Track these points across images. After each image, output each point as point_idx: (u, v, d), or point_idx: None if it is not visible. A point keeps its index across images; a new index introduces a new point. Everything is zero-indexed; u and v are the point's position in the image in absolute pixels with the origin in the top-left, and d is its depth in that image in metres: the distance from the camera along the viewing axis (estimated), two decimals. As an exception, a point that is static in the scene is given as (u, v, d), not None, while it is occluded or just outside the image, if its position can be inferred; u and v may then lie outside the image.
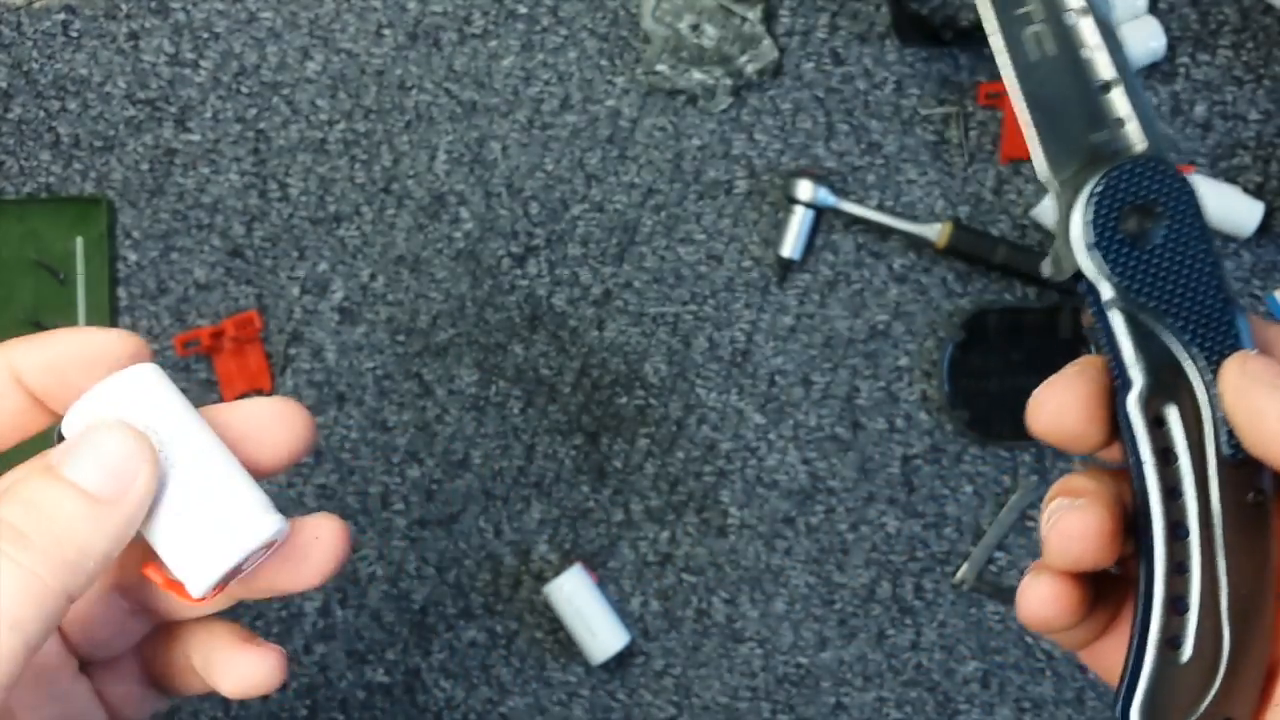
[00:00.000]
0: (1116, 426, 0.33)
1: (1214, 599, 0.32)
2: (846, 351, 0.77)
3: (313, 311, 0.78)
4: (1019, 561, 0.76)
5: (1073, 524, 0.32)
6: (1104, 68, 0.36)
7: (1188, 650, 0.32)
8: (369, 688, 0.78)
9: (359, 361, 0.78)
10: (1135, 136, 0.35)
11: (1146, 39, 0.75)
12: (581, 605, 0.76)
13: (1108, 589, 0.35)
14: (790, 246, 0.76)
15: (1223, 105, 0.77)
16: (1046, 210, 0.75)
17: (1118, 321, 0.33)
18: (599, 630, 0.75)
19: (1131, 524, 0.33)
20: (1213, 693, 0.32)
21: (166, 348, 0.78)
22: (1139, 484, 0.33)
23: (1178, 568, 0.32)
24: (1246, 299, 0.77)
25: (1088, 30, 0.36)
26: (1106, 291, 0.33)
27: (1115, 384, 0.33)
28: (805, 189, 0.76)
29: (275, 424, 0.34)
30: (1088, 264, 0.34)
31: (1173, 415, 0.32)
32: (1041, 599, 0.33)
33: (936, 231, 0.75)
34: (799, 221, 0.76)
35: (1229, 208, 0.75)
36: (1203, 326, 0.33)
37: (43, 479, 0.31)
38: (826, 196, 0.76)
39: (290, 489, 0.78)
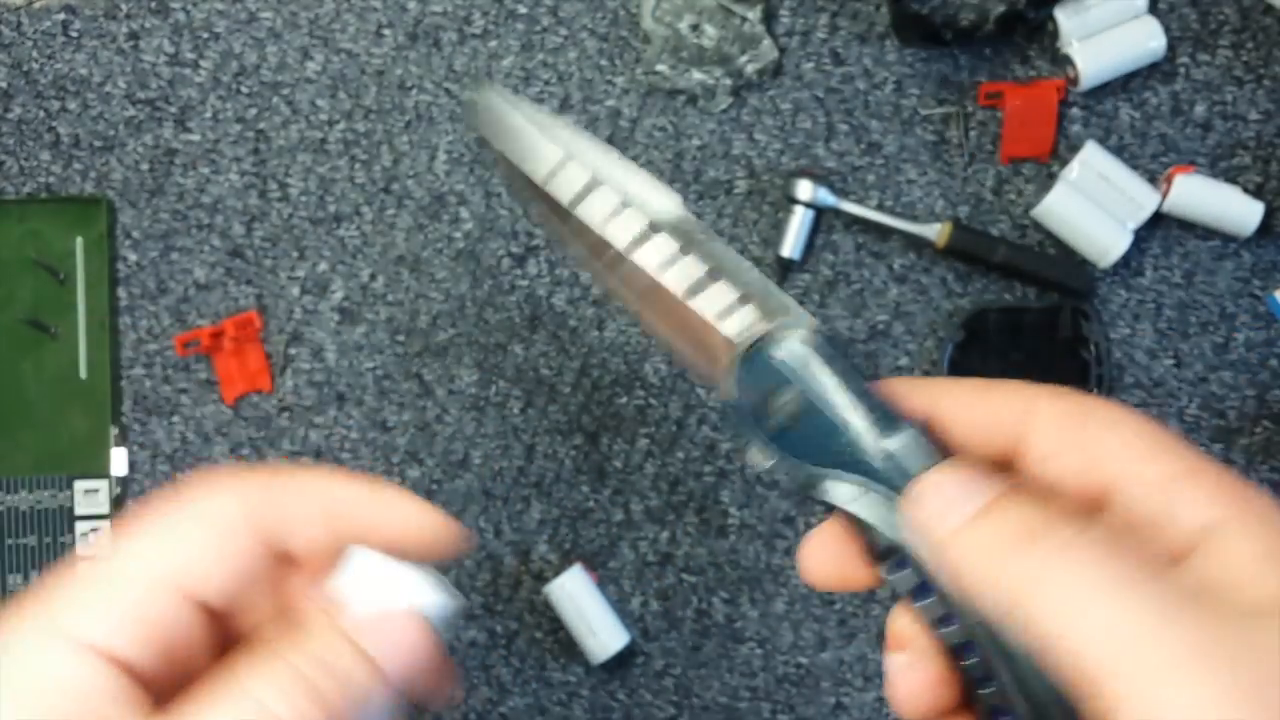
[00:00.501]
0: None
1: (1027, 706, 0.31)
2: (846, 351, 0.77)
3: (313, 311, 0.78)
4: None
5: (908, 687, 0.33)
6: (680, 280, 0.36)
7: None
8: (369, 688, 0.78)
9: (359, 361, 0.78)
10: (749, 323, 0.35)
11: (1146, 39, 0.75)
12: (581, 605, 0.76)
13: None
14: (790, 246, 0.76)
15: (1223, 105, 0.77)
16: (1047, 210, 0.75)
17: (834, 492, 0.33)
18: (599, 630, 0.75)
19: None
20: None
21: (166, 348, 0.78)
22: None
23: (986, 681, 0.31)
24: (1246, 299, 0.77)
25: (652, 254, 0.36)
26: (801, 472, 0.33)
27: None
28: (805, 189, 0.76)
29: (428, 539, 0.35)
30: (765, 464, 0.34)
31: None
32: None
33: (936, 231, 0.75)
34: (799, 221, 0.76)
35: (1229, 208, 0.75)
36: (874, 465, 0.33)
37: (343, 646, 0.32)
38: (826, 196, 0.76)
39: (290, 489, 0.78)
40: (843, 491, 0.33)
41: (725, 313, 0.36)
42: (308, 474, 0.35)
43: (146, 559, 0.32)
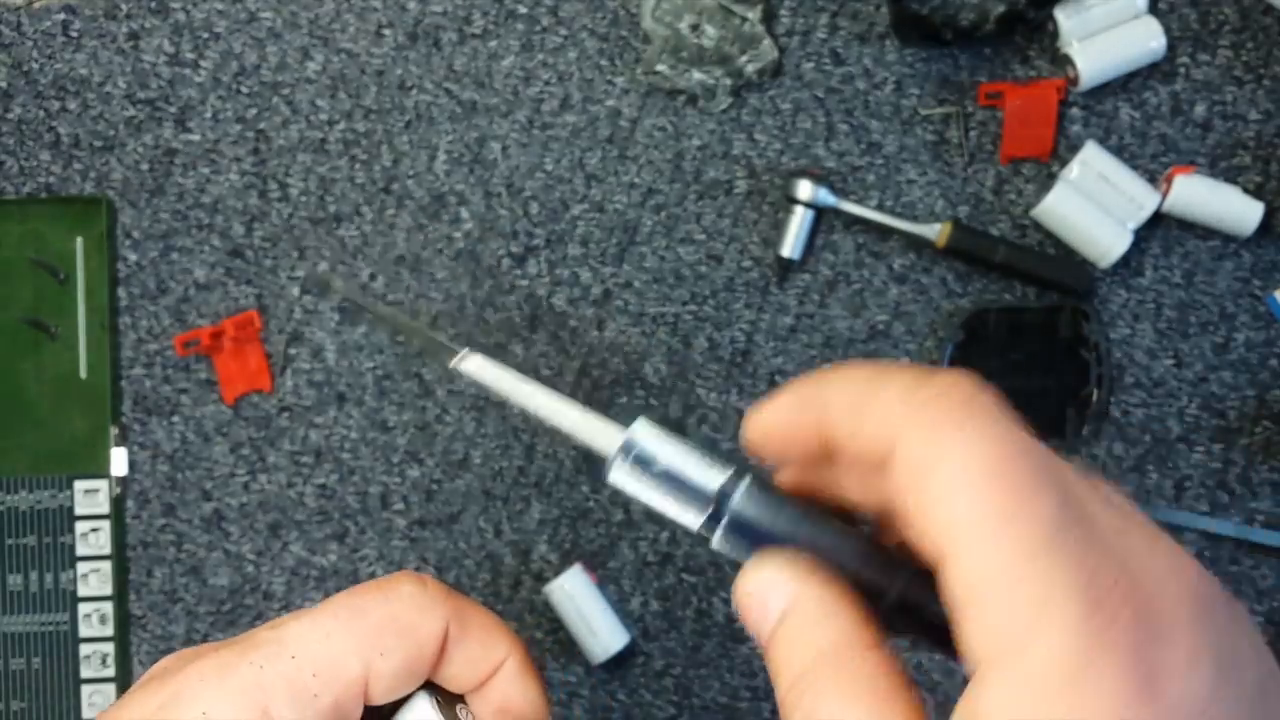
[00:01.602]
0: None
1: None
2: (846, 351, 0.77)
3: (313, 311, 0.78)
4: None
5: None
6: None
7: None
8: (369, 688, 0.78)
9: (359, 361, 0.78)
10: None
11: (1146, 39, 0.75)
12: (581, 605, 0.76)
13: None
14: (790, 246, 0.76)
15: (1223, 105, 0.77)
16: (1047, 210, 0.75)
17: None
18: (599, 630, 0.75)
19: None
20: None
21: (166, 348, 0.78)
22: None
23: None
24: (1246, 299, 0.77)
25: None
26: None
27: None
28: (805, 189, 0.76)
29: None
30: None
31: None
32: None
33: (936, 231, 0.75)
34: (799, 221, 0.76)
35: (1229, 208, 0.75)
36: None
37: None
38: (826, 196, 0.76)
39: (290, 489, 0.78)
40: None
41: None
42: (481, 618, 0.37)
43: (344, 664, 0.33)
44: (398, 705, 0.35)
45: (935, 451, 0.27)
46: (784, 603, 0.30)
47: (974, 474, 0.27)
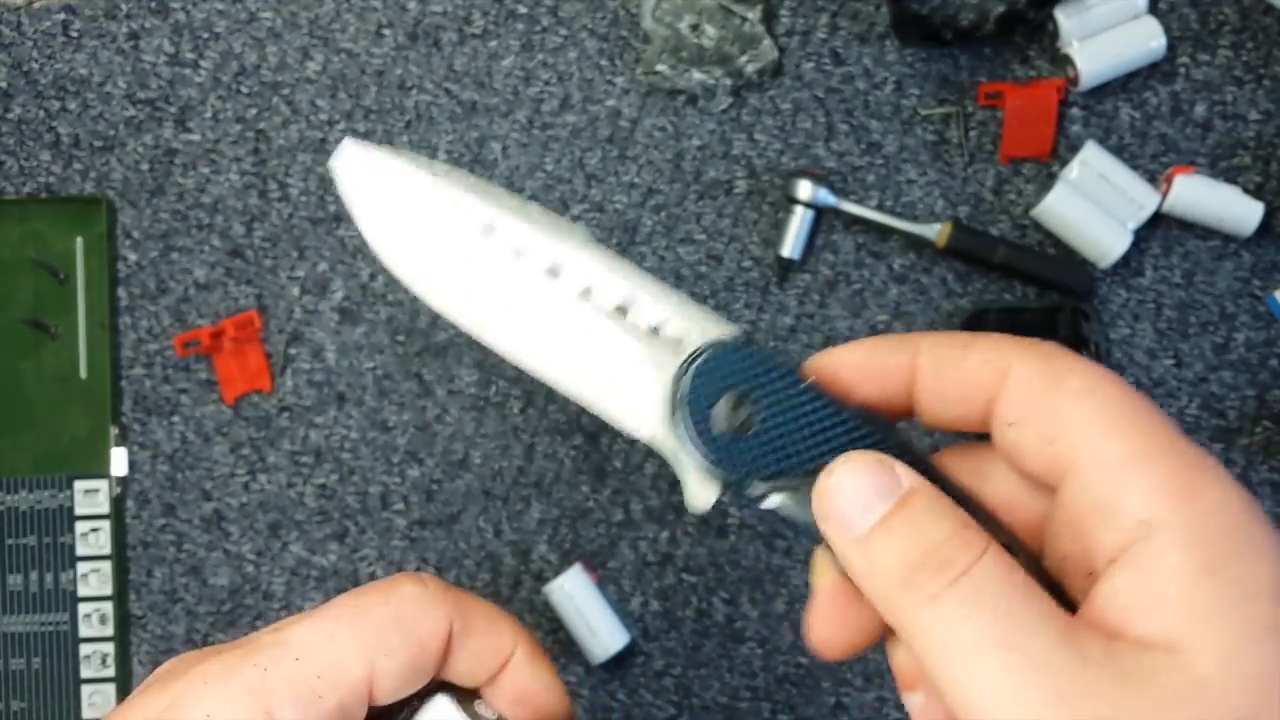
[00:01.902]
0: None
1: None
2: (846, 351, 0.77)
3: (313, 311, 0.78)
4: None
5: None
6: (607, 298, 0.34)
7: None
8: (369, 688, 0.78)
9: (359, 361, 0.78)
10: (680, 333, 0.33)
11: (1146, 39, 0.75)
12: (581, 605, 0.76)
13: None
14: (790, 246, 0.76)
15: (1223, 105, 0.77)
16: (1047, 210, 0.75)
17: (785, 505, 0.32)
18: (599, 630, 0.75)
19: None
20: None
21: (166, 348, 0.78)
22: None
23: None
24: (1246, 299, 0.77)
25: (576, 272, 0.35)
26: (755, 490, 0.33)
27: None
28: (805, 189, 0.76)
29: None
30: (715, 483, 0.33)
31: None
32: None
33: (936, 231, 0.75)
34: (799, 221, 0.76)
35: (1229, 208, 0.75)
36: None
37: None
38: (826, 196, 0.76)
39: (290, 489, 0.78)
40: (779, 499, 0.33)
41: (658, 328, 0.34)
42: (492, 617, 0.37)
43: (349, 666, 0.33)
44: (404, 705, 0.36)
45: (1060, 365, 0.30)
46: (897, 494, 0.30)
47: (1098, 378, 0.29)
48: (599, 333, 0.34)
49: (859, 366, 0.33)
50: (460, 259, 0.35)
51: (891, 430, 0.32)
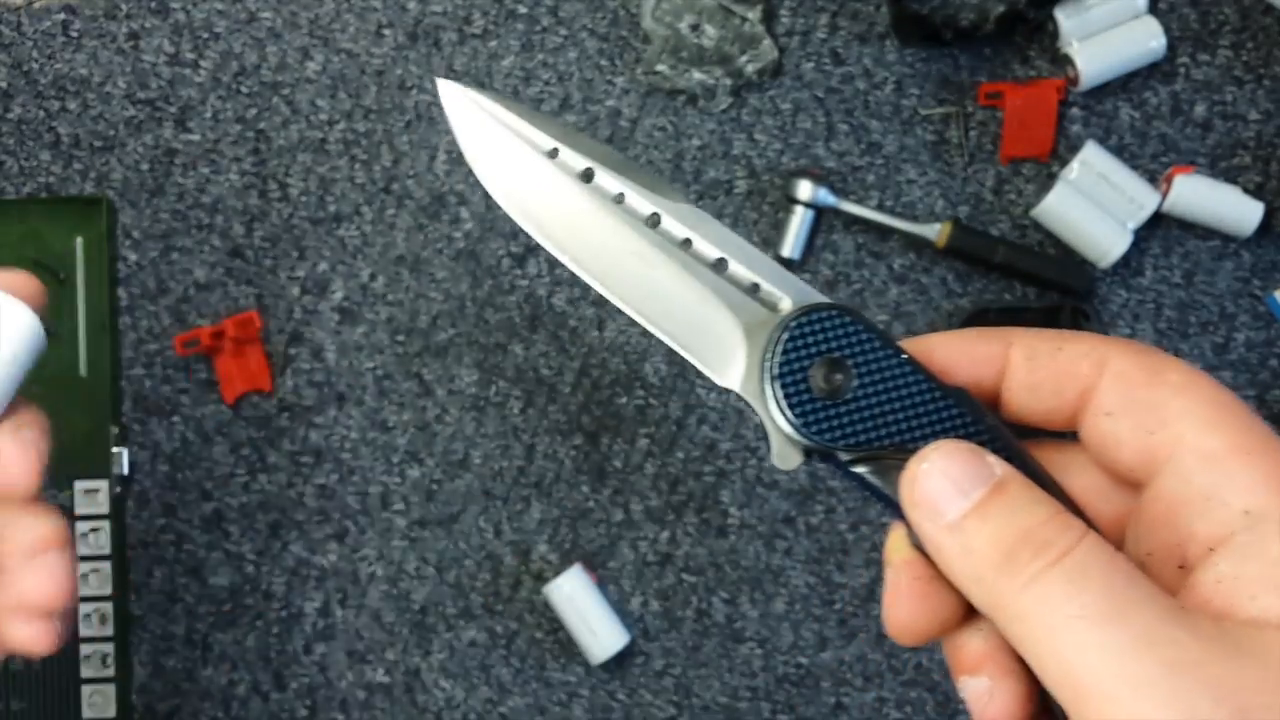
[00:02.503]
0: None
1: None
2: (846, 351, 0.77)
3: (313, 311, 0.78)
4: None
5: (997, 717, 0.31)
6: (706, 250, 0.35)
7: None
8: (369, 688, 0.78)
9: (359, 361, 0.78)
10: (777, 296, 0.34)
11: (1146, 39, 0.75)
12: (581, 605, 0.76)
13: None
14: (790, 246, 0.76)
15: (1223, 105, 0.77)
16: (1047, 210, 0.75)
17: (869, 474, 0.32)
18: (599, 630, 0.75)
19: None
20: None
21: (166, 348, 0.78)
22: None
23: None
24: (1246, 299, 0.77)
25: (673, 227, 0.35)
26: (842, 455, 0.32)
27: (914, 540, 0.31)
28: (805, 189, 0.76)
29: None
30: (800, 447, 0.32)
31: None
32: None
33: (936, 231, 0.75)
34: (799, 221, 0.76)
35: (1229, 208, 0.75)
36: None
37: None
38: (826, 196, 0.76)
39: (290, 489, 0.78)
40: (864, 468, 0.33)
41: (757, 285, 0.34)
42: None
43: None
44: None
45: (1158, 360, 0.30)
46: (990, 481, 0.30)
47: (1195, 374, 0.30)
48: (699, 278, 0.34)
49: (951, 353, 0.34)
50: (560, 202, 0.36)
51: (988, 414, 0.32)
